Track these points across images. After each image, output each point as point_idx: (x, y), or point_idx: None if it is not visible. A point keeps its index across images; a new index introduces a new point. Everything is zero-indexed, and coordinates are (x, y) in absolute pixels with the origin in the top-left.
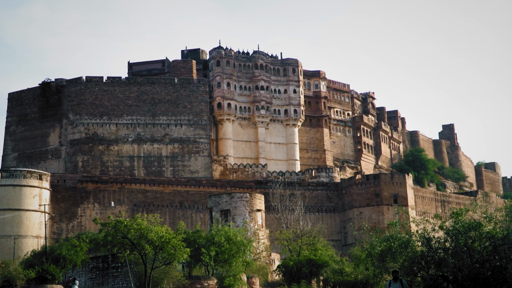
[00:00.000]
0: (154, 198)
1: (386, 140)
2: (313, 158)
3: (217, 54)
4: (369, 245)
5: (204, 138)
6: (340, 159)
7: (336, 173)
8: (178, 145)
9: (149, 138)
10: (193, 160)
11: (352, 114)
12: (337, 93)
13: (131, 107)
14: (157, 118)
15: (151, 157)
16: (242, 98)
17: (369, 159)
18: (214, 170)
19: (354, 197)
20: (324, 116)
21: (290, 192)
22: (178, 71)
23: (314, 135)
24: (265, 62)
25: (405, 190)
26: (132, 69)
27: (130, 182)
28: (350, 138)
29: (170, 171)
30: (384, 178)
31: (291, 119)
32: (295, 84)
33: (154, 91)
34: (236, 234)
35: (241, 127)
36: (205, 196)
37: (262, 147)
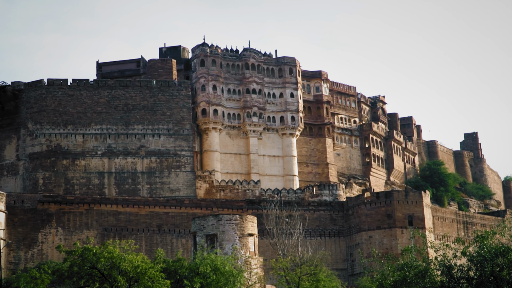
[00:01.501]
0: (127, 221)
1: (399, 151)
2: (314, 173)
3: (201, 52)
4: (380, 274)
5: (186, 150)
6: (346, 174)
7: (341, 191)
8: (156, 159)
9: (121, 150)
10: (173, 177)
11: (359, 121)
12: (341, 97)
13: (100, 114)
14: (131, 127)
15: (124, 173)
16: (230, 103)
17: (379, 174)
18: (198, 188)
19: (363, 219)
20: (327, 124)
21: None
22: (155, 72)
23: (315, 146)
24: (258, 61)
25: (421, 210)
26: (101, 70)
27: (100, 202)
28: (357, 149)
29: (147, 190)
30: (397, 196)
31: (288, 128)
32: (293, 87)
33: (128, 95)
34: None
35: (230, 137)
36: (187, 219)
37: (255, 161)
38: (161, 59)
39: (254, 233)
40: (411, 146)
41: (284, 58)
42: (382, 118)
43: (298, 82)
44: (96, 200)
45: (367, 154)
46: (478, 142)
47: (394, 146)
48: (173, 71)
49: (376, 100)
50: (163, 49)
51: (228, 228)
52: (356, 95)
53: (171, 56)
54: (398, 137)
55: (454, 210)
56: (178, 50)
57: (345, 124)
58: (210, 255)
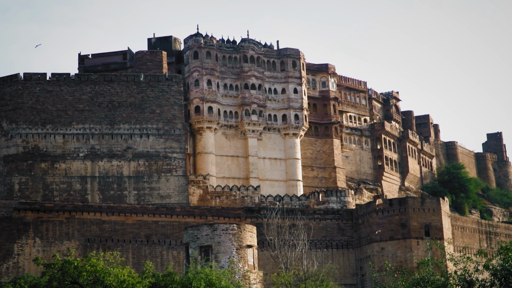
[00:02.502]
0: (113, 231)
1: (414, 153)
2: (320, 178)
3: (194, 43)
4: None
5: (178, 152)
6: (355, 179)
7: (350, 197)
8: (144, 162)
9: (106, 153)
10: (163, 181)
11: (371, 120)
12: (350, 92)
13: (82, 112)
14: (116, 127)
15: (108, 178)
16: (227, 100)
17: (392, 179)
18: (191, 194)
19: (374, 229)
20: (334, 123)
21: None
22: (143, 66)
23: (321, 147)
24: (257, 53)
25: (439, 218)
26: (84, 63)
27: (82, 210)
28: (368, 151)
29: (134, 196)
30: (412, 203)
31: (291, 127)
32: (296, 82)
33: (113, 91)
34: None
35: (226, 137)
36: (179, 228)
37: (254, 164)
38: (149, 51)
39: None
40: (427, 147)
41: (287, 50)
42: (395, 116)
43: (302, 76)
44: (77, 208)
45: (379, 156)
46: (503, 143)
47: (409, 148)
48: (163, 64)
49: (389, 97)
50: (152, 39)
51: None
52: (367, 91)
53: (161, 47)
54: (413, 137)
55: (476, 219)
56: (169, 41)
57: (354, 123)
58: (204, 268)
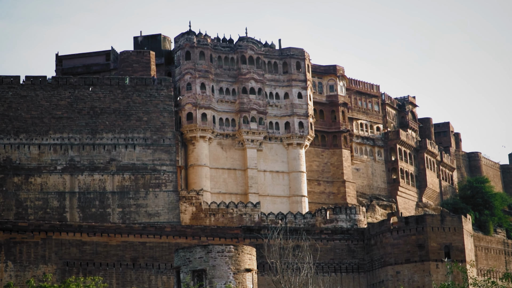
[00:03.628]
0: (94, 254)
1: (433, 166)
2: (327, 193)
3: (186, 42)
4: None
5: (168, 164)
6: (367, 194)
7: (361, 215)
8: (130, 176)
9: (87, 165)
10: (151, 198)
11: (384, 128)
12: (361, 97)
13: (60, 120)
14: (98, 136)
15: (90, 194)
16: (223, 106)
17: (409, 194)
18: (182, 212)
19: (388, 250)
20: (343, 132)
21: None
22: (129, 68)
23: (328, 159)
24: (257, 53)
25: (461, 238)
26: (62, 65)
27: (60, 230)
28: (381, 163)
29: (118, 214)
30: (431, 221)
31: (295, 136)
32: (301, 85)
33: (95, 96)
34: None
35: (222, 148)
36: (169, 250)
37: (253, 178)
38: (136, 51)
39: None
40: (448, 159)
41: (290, 50)
42: (412, 124)
43: (307, 79)
44: (55, 227)
45: (393, 169)
46: None
47: (427, 159)
48: (151, 66)
49: (405, 102)
50: (138, 38)
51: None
52: (380, 95)
53: (148, 47)
54: (432, 148)
55: (502, 239)
56: (158, 40)
57: (366, 131)
58: None
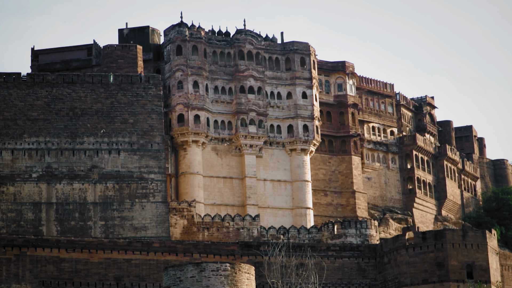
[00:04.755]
0: (74, 272)
1: (454, 174)
2: (335, 205)
3: (177, 36)
4: None
5: (156, 172)
6: (380, 206)
7: (372, 230)
8: (114, 185)
9: (65, 173)
10: (138, 209)
11: (399, 132)
12: (373, 98)
13: (36, 122)
14: (79, 141)
15: (68, 205)
16: (218, 107)
17: (426, 206)
18: (172, 226)
19: (403, 269)
20: (353, 136)
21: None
22: (113, 64)
23: (336, 167)
24: (256, 48)
25: (485, 256)
26: (38, 60)
27: (35, 245)
28: (395, 171)
29: (101, 228)
30: (451, 237)
31: (299, 141)
32: (305, 84)
33: (75, 95)
34: None
35: (217, 154)
36: (157, 269)
37: (252, 188)
38: (121, 45)
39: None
40: (470, 167)
41: (294, 44)
42: (430, 128)
43: (313, 77)
44: (29, 242)
45: (409, 178)
46: None
47: (447, 167)
48: (138, 62)
49: (422, 103)
50: (124, 31)
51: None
52: (394, 95)
53: (135, 40)
54: (452, 154)
55: None
56: (146, 33)
57: (378, 136)
58: None
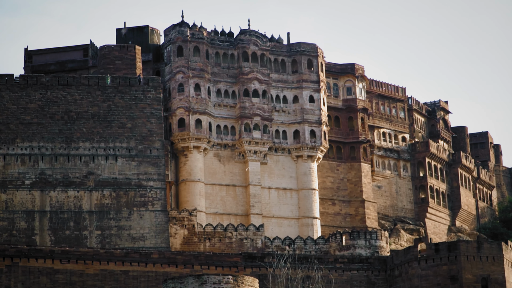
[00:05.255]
0: (68, 284)
1: (468, 183)
2: (343, 215)
3: (178, 36)
4: None
5: (156, 179)
6: (391, 217)
7: (383, 241)
8: (111, 192)
9: (60, 180)
10: (136, 218)
11: (411, 138)
12: (384, 102)
13: (29, 126)
14: (74, 146)
15: (63, 213)
16: (221, 111)
17: (439, 217)
18: (172, 236)
19: (415, 283)
20: (363, 142)
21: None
22: (110, 65)
23: (345, 175)
24: (261, 49)
25: (501, 269)
26: (32, 61)
27: (28, 255)
28: (407, 179)
29: (97, 237)
30: (465, 249)
31: (306, 147)
32: (313, 87)
33: (70, 98)
34: None
35: (220, 160)
36: (156, 281)
37: (256, 196)
38: (119, 46)
39: None
40: (486, 175)
41: (300, 45)
42: (444, 134)
43: (320, 80)
44: (22, 253)
45: (421, 186)
46: None
47: (461, 176)
48: (136, 63)
49: (435, 108)
50: (122, 30)
51: None
52: (406, 99)
53: (133, 41)
54: (467, 162)
55: None
56: (145, 33)
57: (389, 142)
58: None
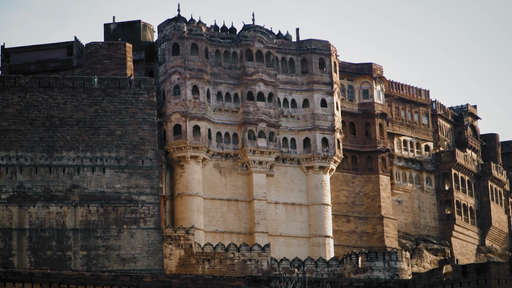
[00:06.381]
0: None
1: (500, 197)
2: (359, 234)
3: (173, 32)
4: None
5: (148, 194)
6: (412, 235)
7: (404, 262)
8: (98, 208)
9: (41, 194)
10: (126, 237)
11: (435, 147)
12: (405, 106)
13: (6, 133)
14: (57, 156)
15: (44, 231)
16: (222, 116)
17: (467, 235)
18: (167, 257)
19: None
20: (381, 152)
21: None
22: (98, 65)
23: (361, 188)
24: (267, 47)
25: None
26: (9, 60)
27: (5, 279)
28: (431, 193)
29: (82, 259)
30: (496, 271)
31: (317, 157)
32: (325, 90)
33: (52, 102)
34: None
35: (221, 172)
36: None
37: (261, 212)
38: (107, 43)
39: None
40: None
41: (311, 42)
42: (472, 142)
43: (334, 81)
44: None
45: (447, 201)
46: None
47: (491, 189)
48: (127, 63)
49: (463, 113)
50: (111, 26)
51: None
52: (430, 103)
53: (124, 37)
54: (498, 173)
55: None
56: (136, 28)
57: (411, 151)
58: None
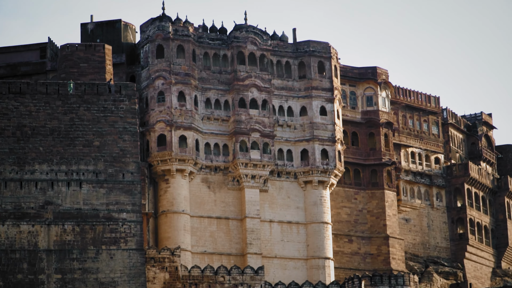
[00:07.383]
0: None
1: None
2: (362, 255)
3: (157, 32)
4: None
5: (130, 211)
6: (421, 257)
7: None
8: (74, 227)
9: (10, 211)
10: (105, 259)
11: (446, 160)
12: (413, 114)
13: None
14: (28, 169)
15: (14, 252)
16: (211, 126)
17: (482, 257)
18: (150, 281)
19: None
20: (387, 165)
21: None
22: (74, 69)
23: (364, 205)
24: (261, 49)
25: None
26: None
27: None
28: (441, 211)
29: (57, 283)
30: None
31: (316, 171)
32: (325, 96)
33: (23, 110)
34: None
35: (209, 187)
36: None
37: (254, 231)
38: (84, 45)
39: None
40: None
41: (310, 44)
42: (487, 154)
43: (334, 87)
44: None
45: (459, 219)
46: None
47: (508, 206)
48: (106, 67)
49: (477, 122)
50: (88, 26)
51: None
52: (441, 112)
53: (103, 38)
54: None
55: None
56: (116, 28)
57: (419, 164)
58: None
